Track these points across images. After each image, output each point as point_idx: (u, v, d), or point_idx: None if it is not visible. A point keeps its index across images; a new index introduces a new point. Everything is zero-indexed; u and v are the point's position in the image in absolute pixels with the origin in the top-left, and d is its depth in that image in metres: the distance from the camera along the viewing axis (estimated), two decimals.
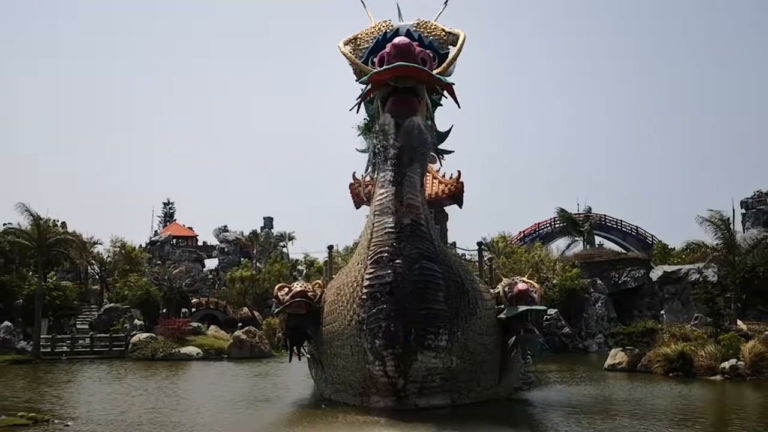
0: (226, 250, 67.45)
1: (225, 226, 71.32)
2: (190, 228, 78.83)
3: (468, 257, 22.41)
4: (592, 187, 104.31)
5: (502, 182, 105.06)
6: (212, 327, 40.31)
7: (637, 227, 58.65)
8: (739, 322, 30.23)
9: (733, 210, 37.52)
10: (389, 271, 14.82)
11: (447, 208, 23.02)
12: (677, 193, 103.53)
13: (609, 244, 56.16)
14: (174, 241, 71.00)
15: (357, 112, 16.87)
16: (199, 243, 75.37)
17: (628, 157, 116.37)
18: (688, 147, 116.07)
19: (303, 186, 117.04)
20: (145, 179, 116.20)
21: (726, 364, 22.38)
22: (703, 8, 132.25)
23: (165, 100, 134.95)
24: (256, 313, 44.49)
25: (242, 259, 62.57)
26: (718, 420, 16.56)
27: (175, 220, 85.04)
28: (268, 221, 72.72)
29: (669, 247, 47.93)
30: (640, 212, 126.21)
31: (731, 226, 35.78)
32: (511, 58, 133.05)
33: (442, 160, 18.73)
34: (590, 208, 56.64)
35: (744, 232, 40.19)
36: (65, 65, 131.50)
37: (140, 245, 60.57)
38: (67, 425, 14.58)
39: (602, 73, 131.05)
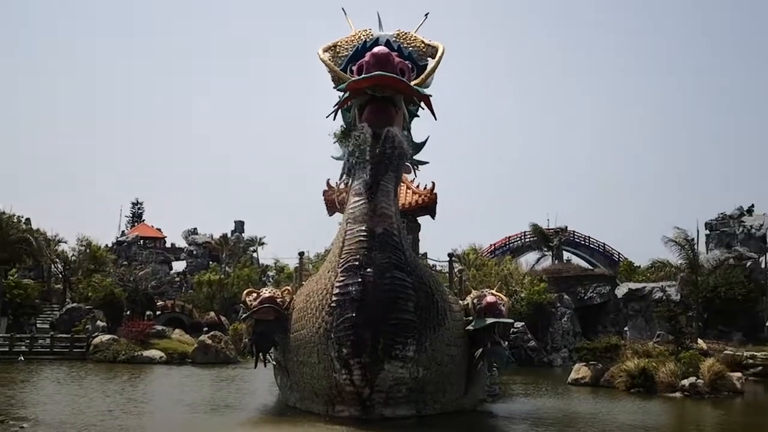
0: (194, 252, 66.73)
1: (194, 229, 70.50)
2: (159, 229, 78.03)
3: (439, 268, 22.51)
4: (561, 202, 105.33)
5: (474, 194, 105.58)
6: (177, 331, 39.73)
7: (604, 244, 59.40)
8: (699, 340, 30.82)
9: (698, 231, 38.25)
10: (360, 280, 14.85)
11: (420, 219, 23.09)
12: (645, 212, 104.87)
13: (577, 260, 56.83)
14: (141, 242, 70.08)
15: (334, 119, 16.90)
16: (167, 245, 74.63)
17: (598, 174, 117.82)
18: (657, 168, 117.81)
19: (276, 191, 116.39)
20: (115, 178, 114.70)
21: (686, 382, 22.70)
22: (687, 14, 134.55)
23: (138, 99, 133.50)
24: (223, 318, 44.09)
25: (211, 262, 61.97)
26: None
27: (143, 220, 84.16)
28: (239, 225, 72.17)
29: (634, 264, 48.63)
30: (607, 229, 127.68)
31: (695, 247, 36.56)
32: (485, 69, 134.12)
33: (416, 171, 18.78)
34: (566, 227, 57.15)
35: (707, 253, 40.95)
36: (32, 63, 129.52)
37: (106, 245, 59.78)
38: (23, 427, 14.23)
39: (574, 90, 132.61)
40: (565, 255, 56.49)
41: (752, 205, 43.66)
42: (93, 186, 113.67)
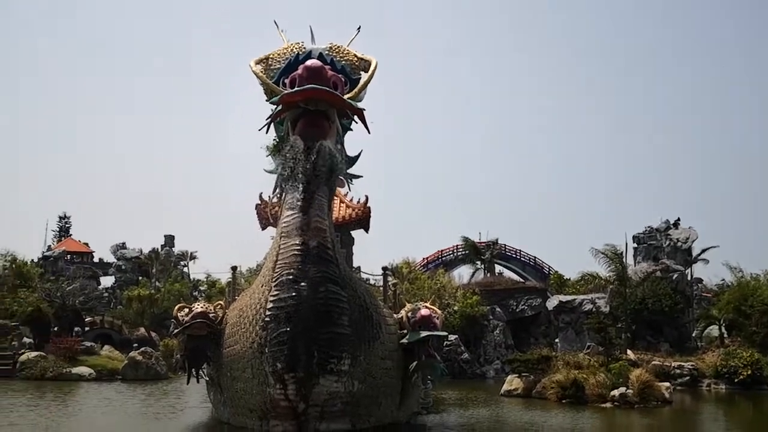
0: (123, 267, 65.11)
1: (123, 243, 68.77)
2: (86, 244, 75.83)
3: (372, 282, 22.58)
4: (493, 216, 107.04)
5: (407, 208, 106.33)
6: (106, 347, 38.77)
7: (535, 257, 60.55)
8: (628, 351, 31.61)
9: (626, 244, 39.25)
10: (293, 294, 14.77)
11: (353, 232, 23.13)
12: (576, 225, 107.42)
13: (508, 273, 57.67)
14: (68, 256, 68.00)
15: (267, 133, 16.80)
16: (95, 260, 72.60)
17: (529, 188, 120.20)
18: (587, 181, 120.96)
19: (207, 205, 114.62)
20: (40, 191, 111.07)
21: (615, 392, 23.21)
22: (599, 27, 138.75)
23: (64, 109, 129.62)
24: (153, 334, 43.20)
25: (140, 277, 60.65)
26: None
27: (70, 235, 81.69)
28: (169, 239, 70.70)
29: (565, 277, 49.61)
30: (538, 243, 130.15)
31: (624, 260, 37.60)
32: (415, 83, 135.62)
33: (350, 185, 18.79)
34: (497, 240, 57.92)
35: (635, 266, 42.10)
36: None
37: (32, 260, 57.83)
38: None
39: (504, 107, 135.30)
40: (497, 268, 57.22)
41: (678, 219, 44.96)
42: (16, 199, 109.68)
